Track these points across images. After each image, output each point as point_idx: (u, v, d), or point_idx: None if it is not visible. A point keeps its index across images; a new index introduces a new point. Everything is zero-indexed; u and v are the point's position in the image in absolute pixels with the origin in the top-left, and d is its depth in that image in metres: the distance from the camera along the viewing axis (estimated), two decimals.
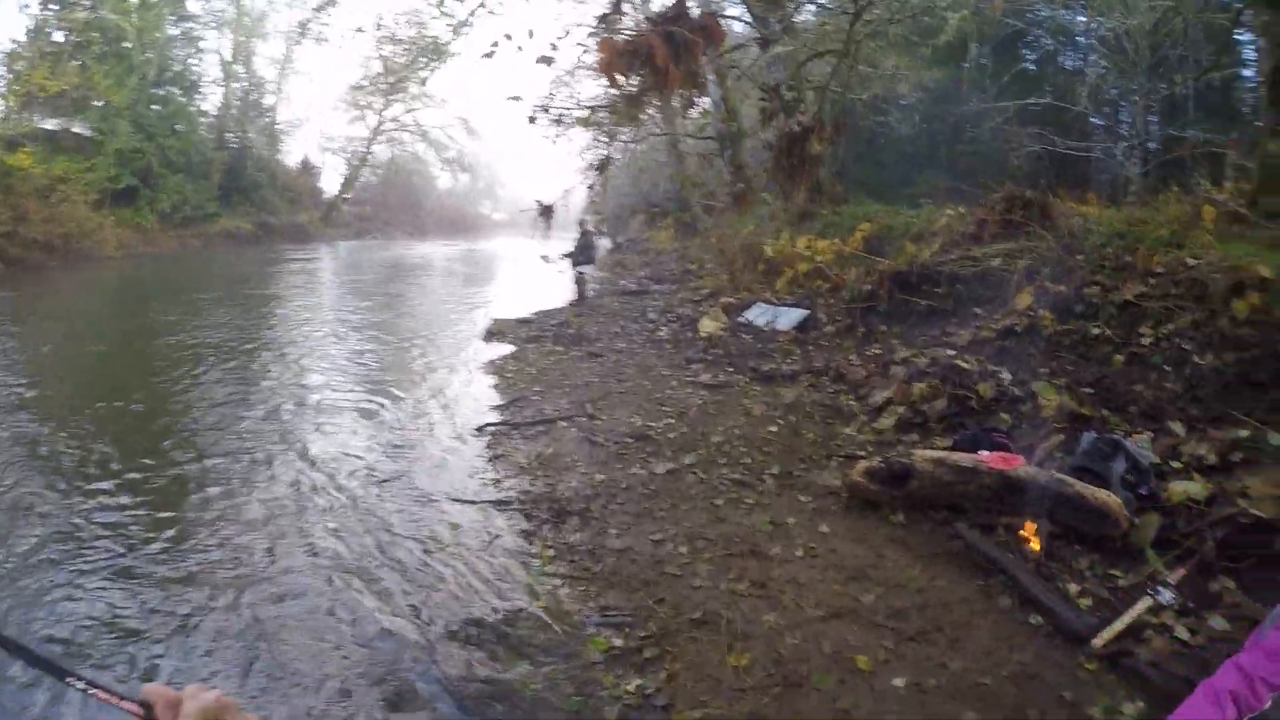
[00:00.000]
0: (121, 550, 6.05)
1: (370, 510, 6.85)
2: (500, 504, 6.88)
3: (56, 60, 32.13)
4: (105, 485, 7.35)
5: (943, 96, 23.43)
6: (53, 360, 12.55)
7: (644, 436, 8.33)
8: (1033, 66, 24.12)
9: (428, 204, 60.86)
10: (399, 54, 44.40)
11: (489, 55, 16.24)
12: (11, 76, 32.03)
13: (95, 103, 32.26)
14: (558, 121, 19.21)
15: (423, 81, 45.63)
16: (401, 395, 10.78)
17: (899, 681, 4.34)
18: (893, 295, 11.23)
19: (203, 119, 40.76)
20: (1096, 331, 8.37)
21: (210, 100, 42.20)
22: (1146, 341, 7.93)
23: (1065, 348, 8.41)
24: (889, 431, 7.95)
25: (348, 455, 8.31)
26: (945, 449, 6.74)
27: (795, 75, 16.05)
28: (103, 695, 0.92)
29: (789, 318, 12.72)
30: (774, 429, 8.44)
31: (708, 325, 12.91)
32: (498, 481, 7.46)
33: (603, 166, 14.44)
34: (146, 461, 7.98)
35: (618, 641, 4.71)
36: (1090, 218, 11.06)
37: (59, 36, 33.52)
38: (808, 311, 12.74)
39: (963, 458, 6.10)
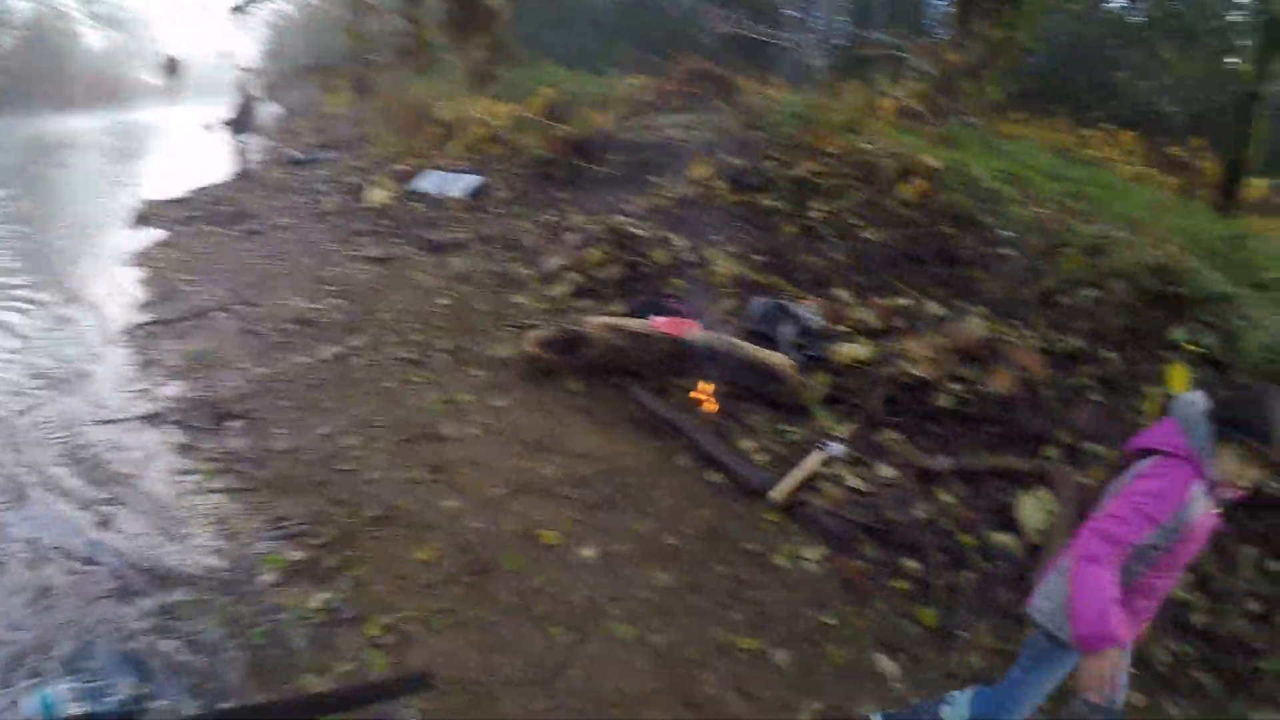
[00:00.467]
0: None
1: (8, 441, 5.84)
2: (152, 417, 6.09)
3: None
4: None
5: None
6: None
7: (307, 320, 7.75)
8: None
9: (74, 69, 52.26)
10: None
11: None
12: None
13: None
14: None
15: None
16: (37, 299, 9.27)
17: (589, 552, 4.40)
18: (571, 163, 11.10)
19: None
20: (770, 203, 8.69)
21: None
22: (817, 215, 8.35)
23: (740, 218, 8.70)
24: (563, 299, 7.93)
25: None
26: (620, 315, 6.75)
27: None
28: None
29: (462, 184, 12.23)
30: (444, 301, 8.18)
31: (375, 195, 12.15)
32: (148, 391, 6.59)
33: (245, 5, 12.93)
34: None
35: (295, 554, 4.36)
36: (772, 99, 11.40)
37: None
38: (482, 178, 12.31)
39: (636, 323, 6.17)
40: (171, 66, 13.17)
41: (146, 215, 13.30)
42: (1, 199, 17.11)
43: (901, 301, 6.90)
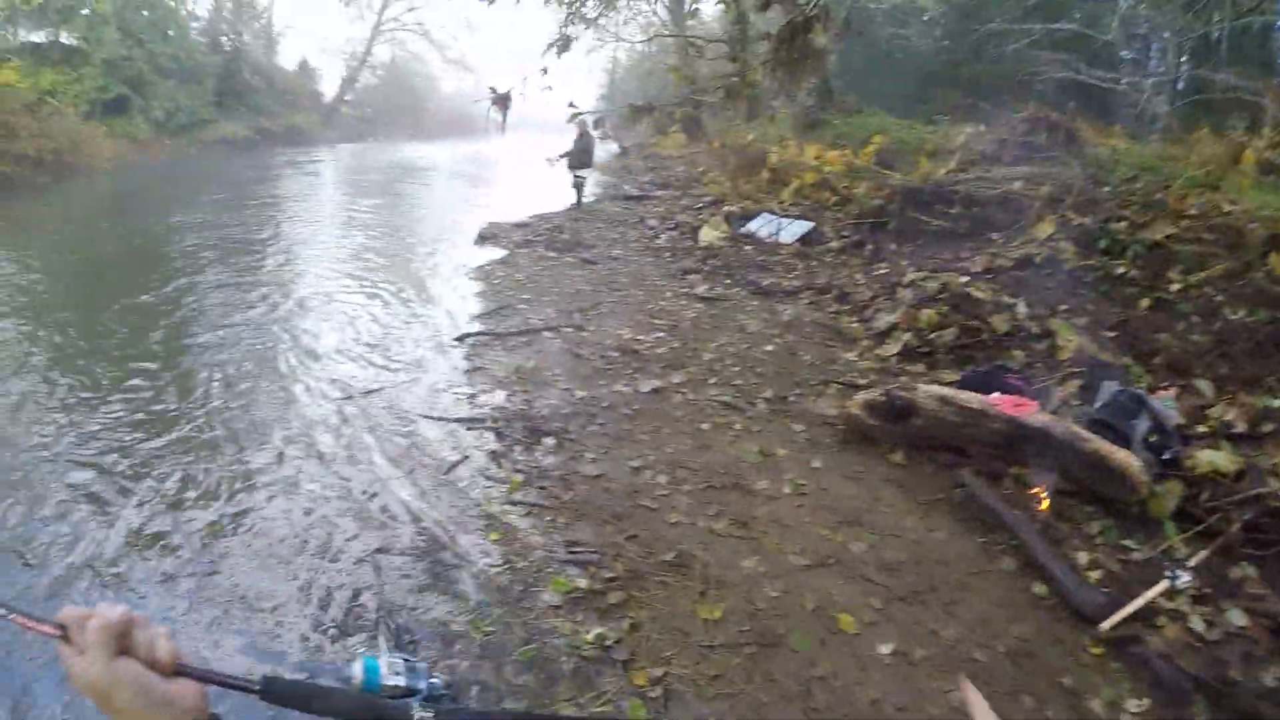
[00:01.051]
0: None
1: (339, 426, 6.40)
2: (472, 421, 6.39)
3: None
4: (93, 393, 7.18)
5: (965, 13, 22.12)
6: (50, 270, 11.91)
7: (631, 351, 7.83)
8: None
9: (430, 105, 58.93)
10: None
11: None
12: None
13: (81, 12, 30.98)
14: None
15: None
16: (388, 301, 10.25)
17: (885, 648, 3.93)
18: (904, 213, 10.59)
19: (194, 23, 38.78)
20: (1121, 271, 7.83)
21: (201, 4, 40.32)
22: (1175, 288, 7.41)
23: (1086, 285, 7.86)
24: (892, 360, 7.45)
25: (326, 363, 7.94)
26: (953, 385, 6.23)
27: None
28: (19, 619, 0.88)
29: (792, 230, 12.08)
30: (770, 349, 7.96)
31: (707, 234, 12.26)
32: (472, 396, 6.96)
33: (564, 46, 13.45)
34: (145, 365, 7.85)
35: (581, 583, 4.27)
36: (1119, 150, 10.40)
37: None
38: (812, 225, 12.10)
39: (971, 398, 5.60)
40: (501, 101, 14.06)
41: (489, 235, 14.31)
42: (372, 208, 19.23)
43: (1274, 401, 5.87)
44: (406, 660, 1.09)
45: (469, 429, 6.27)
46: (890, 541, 4.76)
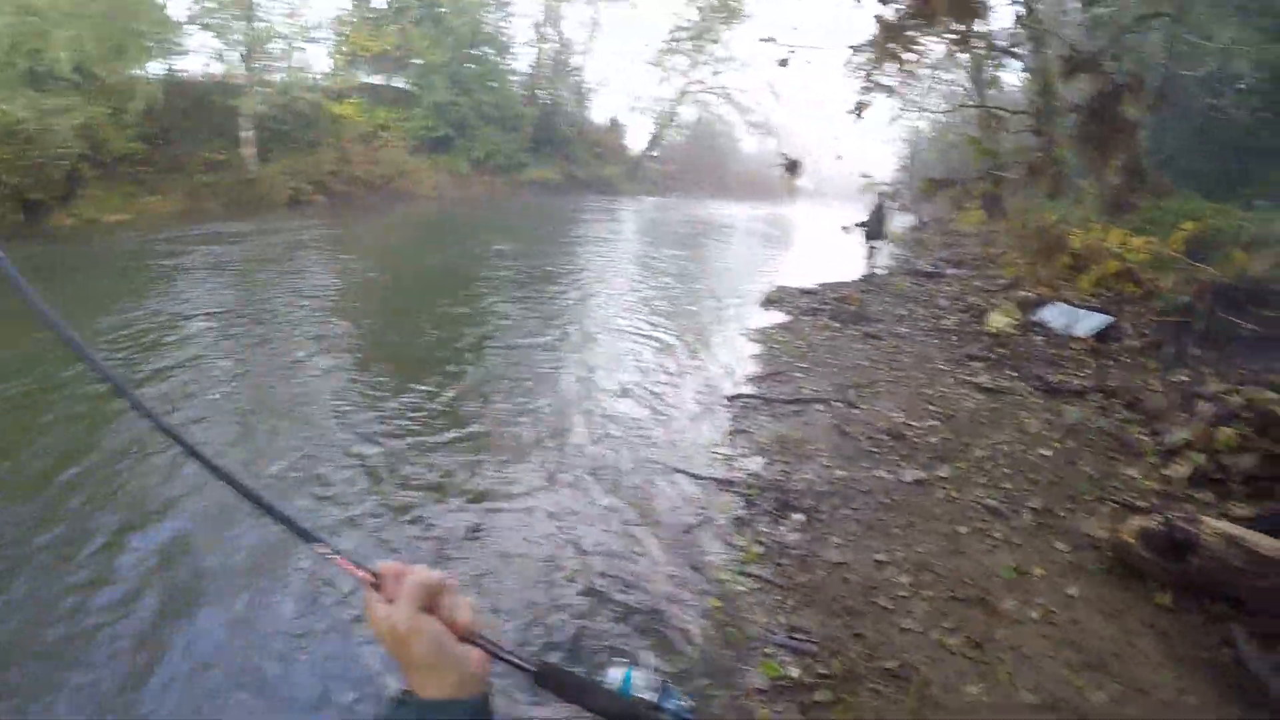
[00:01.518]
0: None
1: (599, 464, 6.88)
2: (724, 483, 6.58)
3: (378, 23, 36.75)
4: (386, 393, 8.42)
5: None
6: (379, 276, 13.62)
7: (901, 435, 7.71)
8: None
9: (731, 165, 60.69)
10: (696, 15, 45.77)
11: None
12: (339, 38, 36.66)
13: (414, 61, 36.18)
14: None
15: (716, 40, 46.76)
16: (669, 350, 10.79)
17: None
18: (1214, 313, 9.70)
19: (514, 77, 43.63)
20: None
21: (522, 60, 45.18)
22: None
23: None
24: (1180, 483, 6.80)
25: (600, 397, 8.61)
26: (1246, 523, 5.63)
27: (1116, 39, 14.12)
28: (342, 561, 1.03)
29: (1089, 323, 11.37)
30: (1047, 453, 7.54)
31: (997, 320, 11.82)
32: (730, 459, 7.14)
33: (860, 109, 13.29)
34: (446, 367, 9.29)
35: (793, 672, 4.30)
36: None
37: (380, 2, 38.30)
38: (1111, 319, 11.31)
39: (1266, 542, 5.04)
40: (793, 167, 14.20)
41: (776, 299, 14.59)
42: (666, 259, 20.10)
43: None
44: (660, 678, 1.14)
45: (720, 490, 6.48)
46: (1135, 697, 4.40)
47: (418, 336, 10.10)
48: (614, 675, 1.11)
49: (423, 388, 8.40)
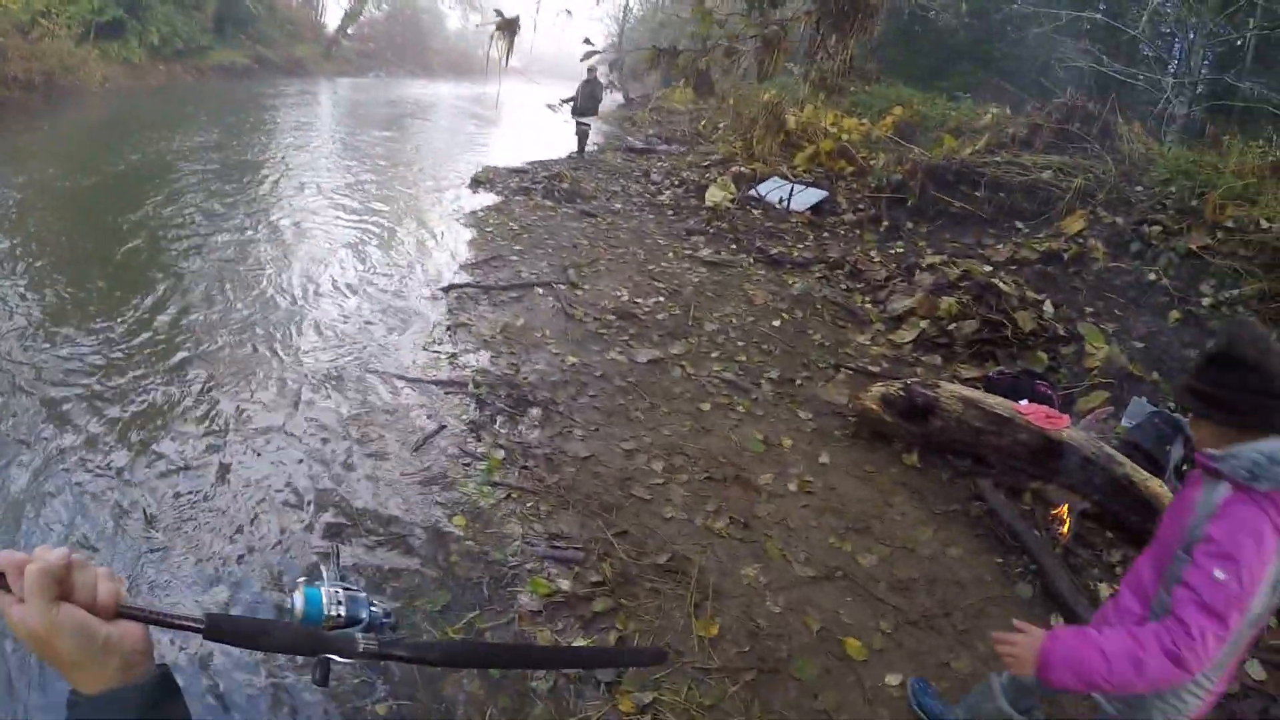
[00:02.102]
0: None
1: (307, 376, 5.89)
2: (452, 385, 5.88)
3: None
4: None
5: None
6: (40, 193, 11.28)
7: (629, 315, 7.33)
8: None
9: (434, 43, 57.61)
10: None
11: None
12: None
13: None
14: None
15: None
16: (374, 242, 9.70)
17: (893, 680, 3.56)
18: (925, 190, 10.01)
19: None
20: (1152, 278, 7.36)
21: None
22: (1207, 302, 6.96)
23: (1115, 289, 7.41)
24: (907, 348, 7.00)
25: (304, 305, 7.41)
26: (977, 386, 5.81)
27: None
28: None
29: (805, 197, 11.53)
30: (777, 323, 7.48)
31: (715, 194, 11.67)
32: (454, 356, 6.43)
33: None
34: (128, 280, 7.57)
35: (563, 584, 3.83)
36: (1154, 150, 9.92)
37: None
38: (826, 194, 11.55)
39: (999, 404, 5.15)
40: (508, 26, 13.18)
41: (484, 179, 13.67)
42: (367, 143, 18.64)
43: None
44: (347, 589, 1.07)
45: (448, 393, 5.79)
46: (903, 556, 4.36)
47: (114, 247, 8.41)
48: (298, 599, 1.03)
49: (129, 305, 6.91)
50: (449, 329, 7.01)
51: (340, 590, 1.06)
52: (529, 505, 4.45)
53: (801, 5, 10.30)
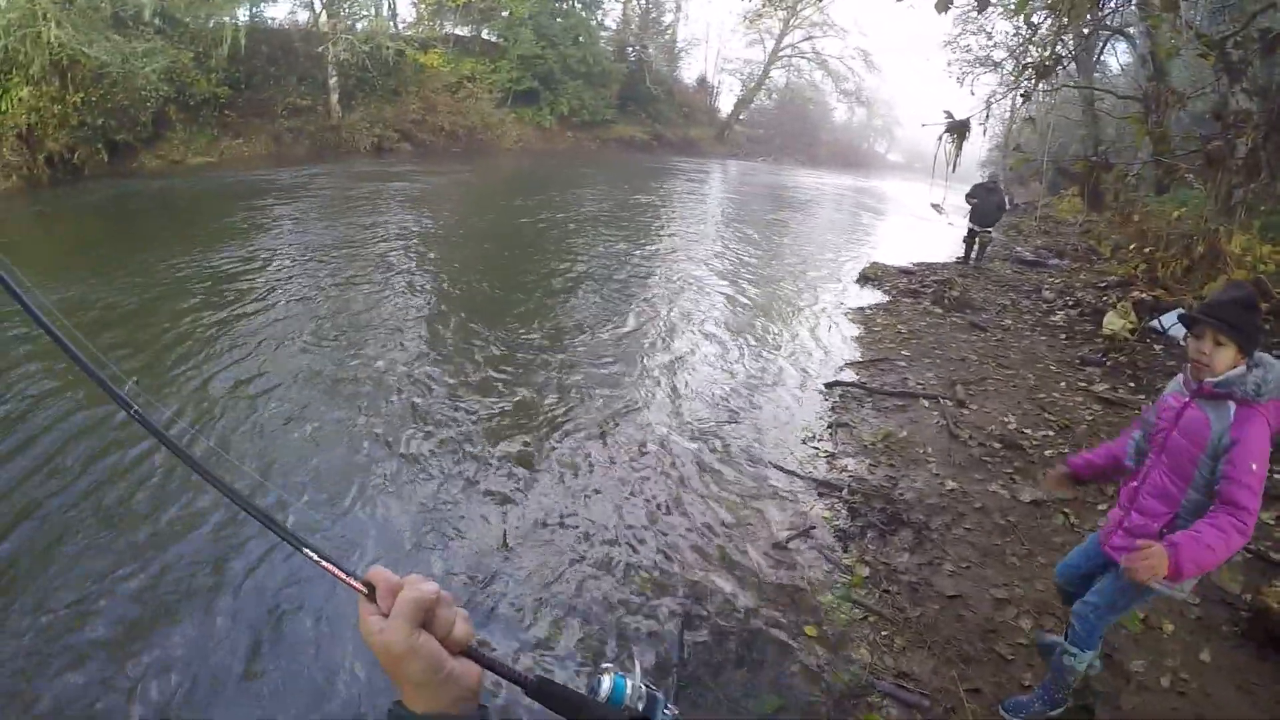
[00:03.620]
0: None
1: (691, 451, 6.26)
2: (825, 487, 5.93)
3: None
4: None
5: None
6: (450, 233, 13.11)
7: (1015, 445, 6.96)
8: None
9: (821, 134, 58.97)
10: None
11: None
12: None
13: (501, 13, 35.06)
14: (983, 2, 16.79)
15: (817, 5, 45.49)
16: (757, 329, 10.09)
17: None
18: None
19: (603, 32, 42.96)
20: None
21: (611, 16, 44.69)
22: None
23: None
24: None
25: (689, 382, 7.91)
26: None
27: (1247, 25, 12.78)
28: (332, 569, 0.97)
29: None
30: None
31: (1114, 322, 10.82)
32: (831, 457, 6.49)
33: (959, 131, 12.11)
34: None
35: None
36: None
37: None
38: None
39: None
40: (960, 130, 12.95)
41: (873, 276, 13.71)
42: (756, 225, 19.35)
43: None
44: (649, 688, 1.11)
45: (820, 493, 5.86)
46: None
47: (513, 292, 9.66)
48: (605, 684, 1.09)
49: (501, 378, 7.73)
50: (830, 427, 7.11)
51: (644, 687, 1.11)
52: (883, 634, 4.37)
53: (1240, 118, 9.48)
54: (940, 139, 10.32)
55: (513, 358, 8.05)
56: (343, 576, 0.96)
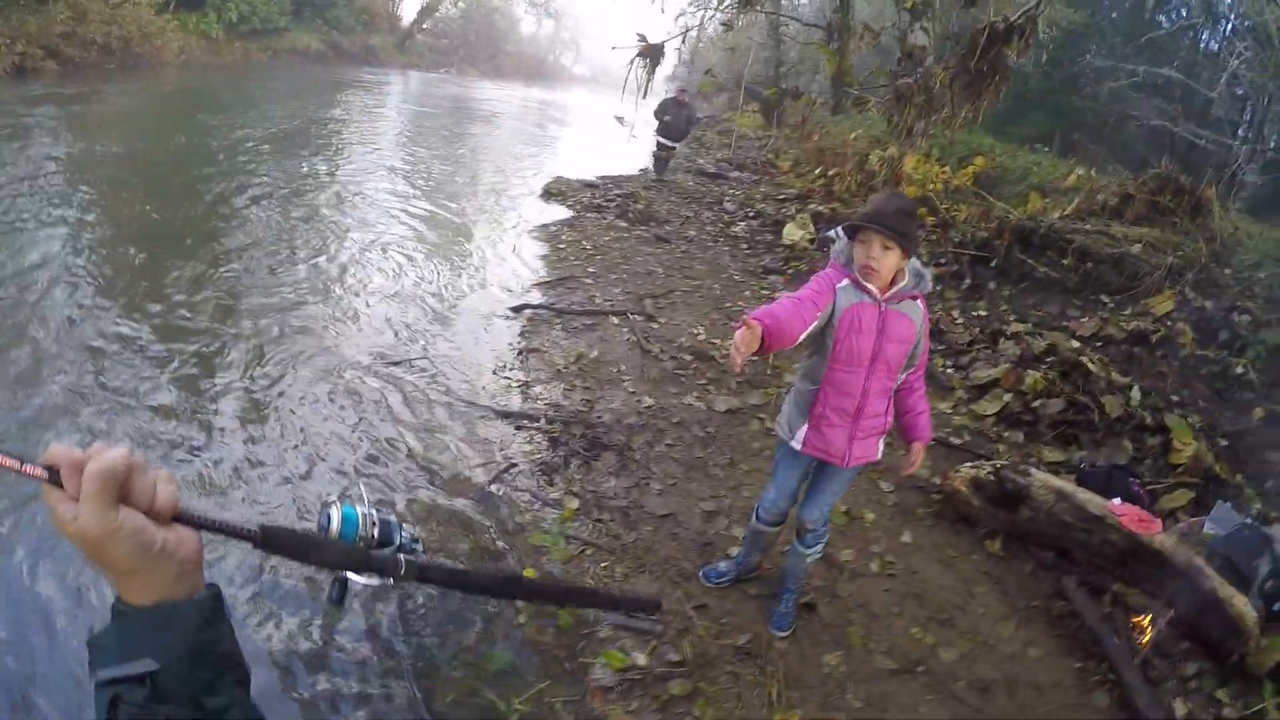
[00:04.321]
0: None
1: (367, 399, 5.81)
2: (523, 418, 5.77)
3: None
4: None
5: (1071, 41, 20.87)
6: (108, 164, 11.39)
7: (706, 355, 7.19)
8: (1167, 34, 21.10)
9: (507, 46, 58.14)
10: None
11: None
12: None
13: None
14: None
15: None
16: (441, 249, 9.69)
17: None
18: (1010, 252, 9.63)
19: None
20: (1240, 371, 7.13)
21: None
22: None
23: (1201, 378, 7.18)
24: (990, 421, 6.75)
25: (367, 319, 7.33)
26: (1058, 473, 5.64)
27: None
28: (4, 460, 0.78)
29: None
30: None
31: (794, 233, 11.42)
32: (526, 385, 6.34)
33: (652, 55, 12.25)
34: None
35: (639, 658, 3.70)
36: (1242, 230, 9.63)
37: None
38: None
39: (1091, 500, 4.97)
40: (653, 54, 12.82)
41: (556, 191, 13.66)
42: (438, 140, 18.73)
43: None
44: (379, 512, 1.07)
45: (519, 425, 5.70)
46: (983, 653, 4.20)
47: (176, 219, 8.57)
48: (334, 516, 1.04)
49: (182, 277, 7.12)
50: (520, 353, 6.94)
51: (374, 512, 1.06)
52: (603, 565, 4.34)
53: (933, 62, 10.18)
54: (632, 63, 10.26)
55: (198, 290, 7.19)
56: (17, 465, 0.78)
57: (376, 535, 1.04)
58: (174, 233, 8.55)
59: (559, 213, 12.41)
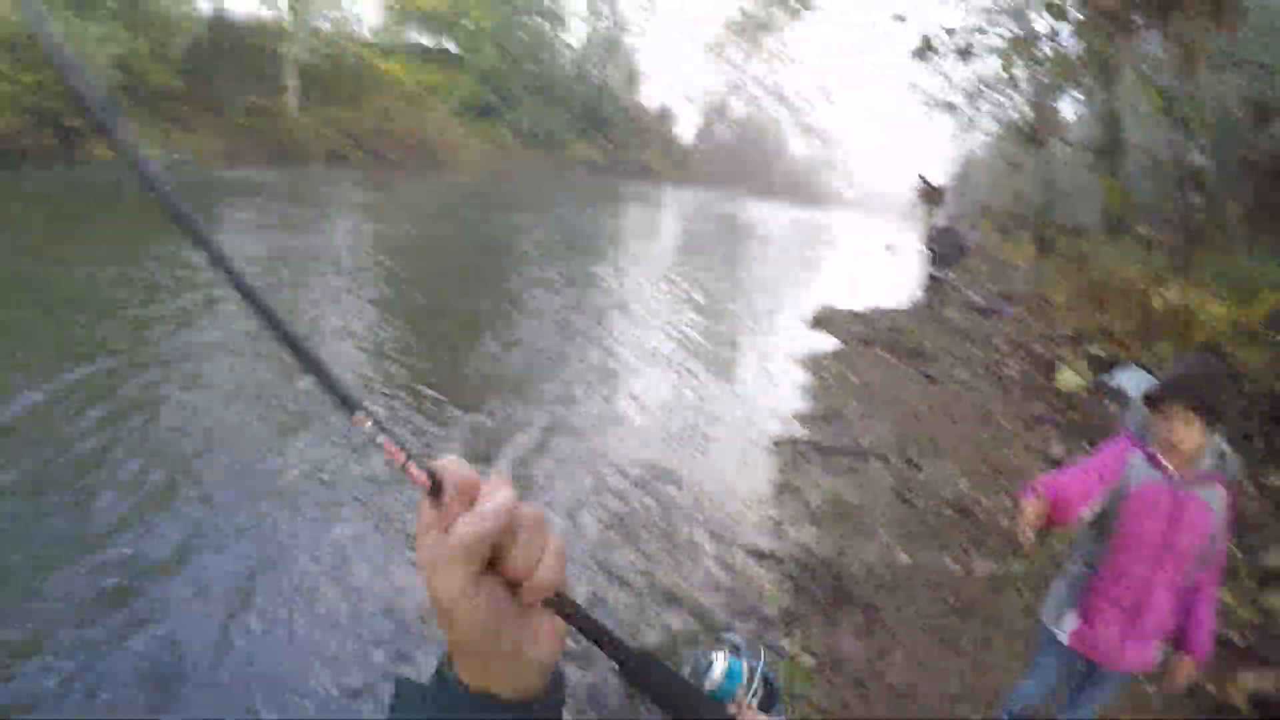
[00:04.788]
0: None
1: (622, 508, 5.98)
2: (770, 558, 5.67)
3: None
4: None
5: None
6: (411, 247, 12.84)
7: (968, 512, 6.76)
8: None
9: (777, 166, 60.00)
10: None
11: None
12: None
13: (465, 24, 34.97)
14: (964, 52, 16.48)
15: (778, 30, 46.43)
16: (711, 368, 9.89)
17: None
18: None
19: (566, 51, 43.42)
20: None
21: (574, 36, 45.08)
22: None
23: None
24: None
25: (636, 426, 7.65)
26: None
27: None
28: (392, 447, 0.65)
29: None
30: None
31: (1067, 379, 10.71)
32: (778, 525, 6.21)
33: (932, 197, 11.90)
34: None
35: None
36: None
37: None
38: None
39: None
40: (934, 196, 12.87)
41: (824, 320, 13.60)
42: (695, 261, 19.26)
43: None
44: (769, 680, 0.97)
45: (765, 565, 5.60)
46: None
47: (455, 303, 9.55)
48: (718, 667, 0.95)
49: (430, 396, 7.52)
50: (778, 490, 6.85)
51: (761, 665, 0.98)
52: None
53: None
54: (916, 201, 10.29)
55: (489, 368, 8.03)
56: (401, 458, 0.67)
57: (757, 704, 0.92)
58: (470, 315, 9.38)
59: (826, 342, 12.36)
